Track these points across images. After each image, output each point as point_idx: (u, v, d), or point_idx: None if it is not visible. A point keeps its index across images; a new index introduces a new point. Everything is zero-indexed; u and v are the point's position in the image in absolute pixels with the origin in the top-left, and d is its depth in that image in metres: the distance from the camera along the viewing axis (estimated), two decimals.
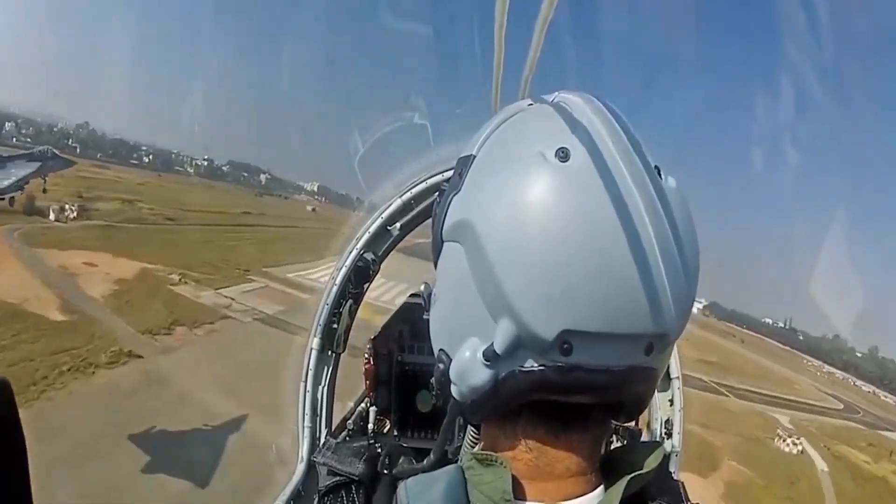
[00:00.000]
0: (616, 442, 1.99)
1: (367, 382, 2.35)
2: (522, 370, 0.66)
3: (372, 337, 2.38)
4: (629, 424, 1.95)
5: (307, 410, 2.03)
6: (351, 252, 2.07)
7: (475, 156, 0.74)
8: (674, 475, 0.84)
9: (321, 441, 2.03)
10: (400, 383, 2.42)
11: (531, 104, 0.76)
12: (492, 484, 0.67)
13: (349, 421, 2.38)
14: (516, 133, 0.73)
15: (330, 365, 2.10)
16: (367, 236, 2.07)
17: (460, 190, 0.73)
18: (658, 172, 0.66)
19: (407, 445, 2.34)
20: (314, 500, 0.83)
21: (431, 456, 0.90)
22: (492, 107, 1.42)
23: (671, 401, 2.05)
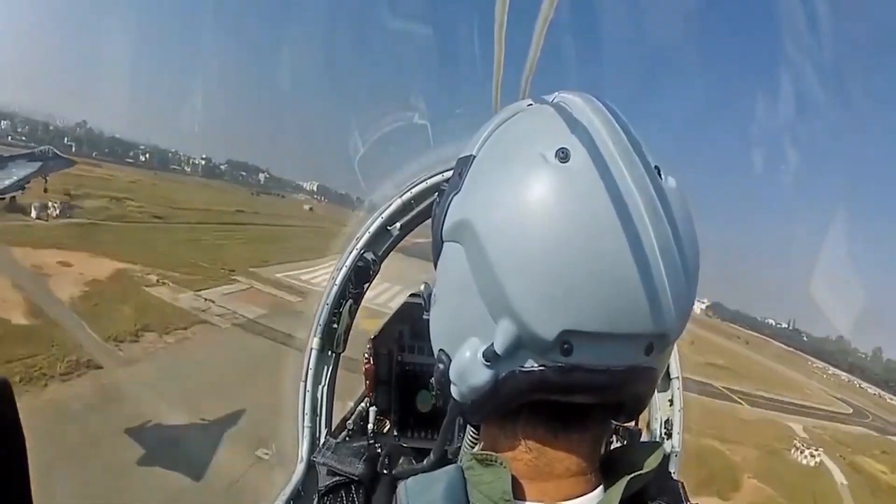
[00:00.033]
0: (616, 442, 2.00)
1: (367, 382, 2.35)
2: (523, 370, 0.66)
3: (372, 337, 2.38)
4: (629, 424, 1.95)
5: (307, 410, 2.03)
6: (351, 252, 2.07)
7: (475, 156, 0.74)
8: (673, 475, 0.84)
9: (321, 441, 2.03)
10: (400, 383, 2.42)
11: (531, 104, 0.76)
12: (491, 484, 0.67)
13: (349, 421, 2.38)
14: (516, 133, 0.73)
15: (330, 365, 2.10)
16: (367, 236, 2.07)
17: (460, 190, 0.73)
18: (658, 172, 0.66)
19: (407, 445, 2.34)
20: (314, 500, 0.83)
21: (431, 456, 0.90)
22: (492, 107, 1.42)
23: (671, 401, 2.05)
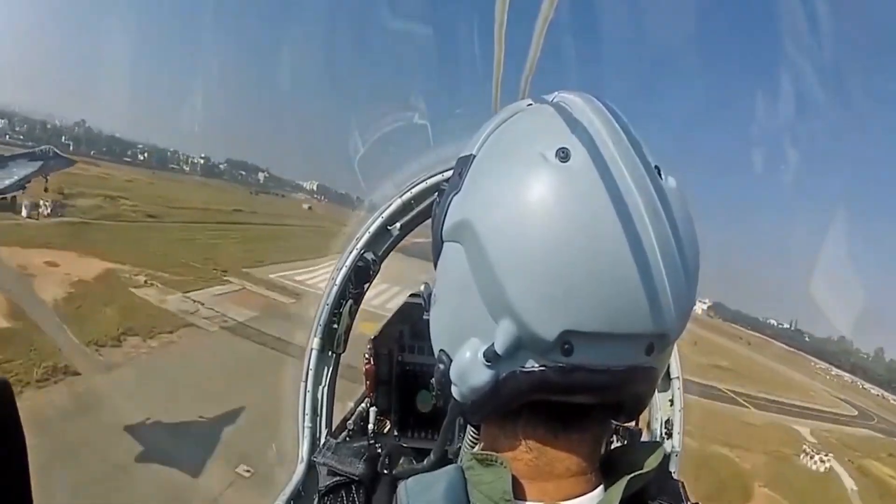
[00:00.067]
0: (616, 442, 2.00)
1: (368, 382, 2.35)
2: (523, 370, 0.66)
3: (372, 337, 2.38)
4: (629, 424, 1.95)
5: (307, 410, 2.04)
6: (351, 252, 2.07)
7: (475, 156, 0.74)
8: (674, 475, 0.84)
9: (321, 441, 2.03)
10: (400, 383, 2.42)
11: (531, 104, 0.76)
12: (492, 484, 0.67)
13: (349, 421, 2.38)
14: (516, 133, 0.72)
15: (330, 365, 2.10)
16: (367, 236, 2.07)
17: (460, 190, 0.73)
18: (658, 172, 0.66)
19: (407, 445, 2.34)
20: (314, 500, 0.83)
21: (432, 456, 0.90)
22: (492, 106, 1.42)
23: (671, 401, 2.05)
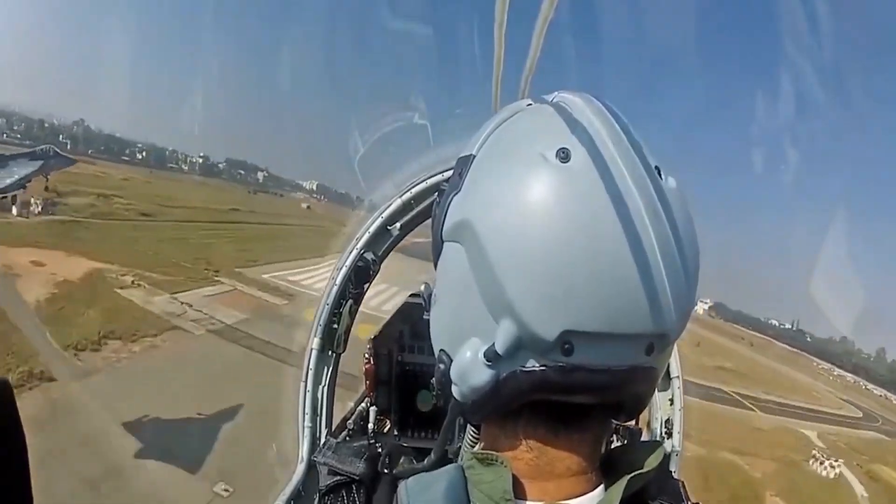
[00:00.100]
0: (616, 441, 2.00)
1: (368, 382, 2.35)
2: (524, 370, 0.66)
3: (372, 337, 2.39)
4: (629, 424, 1.95)
5: (307, 410, 2.04)
6: (351, 252, 2.07)
7: (475, 156, 0.74)
8: (674, 475, 0.85)
9: (321, 441, 2.04)
10: (400, 383, 2.42)
11: (531, 104, 0.76)
12: (492, 483, 0.67)
13: (349, 421, 2.39)
14: (516, 133, 0.73)
15: (330, 365, 2.10)
16: (367, 236, 2.07)
17: (460, 190, 0.73)
18: (658, 173, 0.66)
19: (407, 445, 2.34)
20: (314, 500, 0.83)
21: (432, 456, 0.90)
22: (492, 107, 1.42)
23: (671, 400, 2.06)
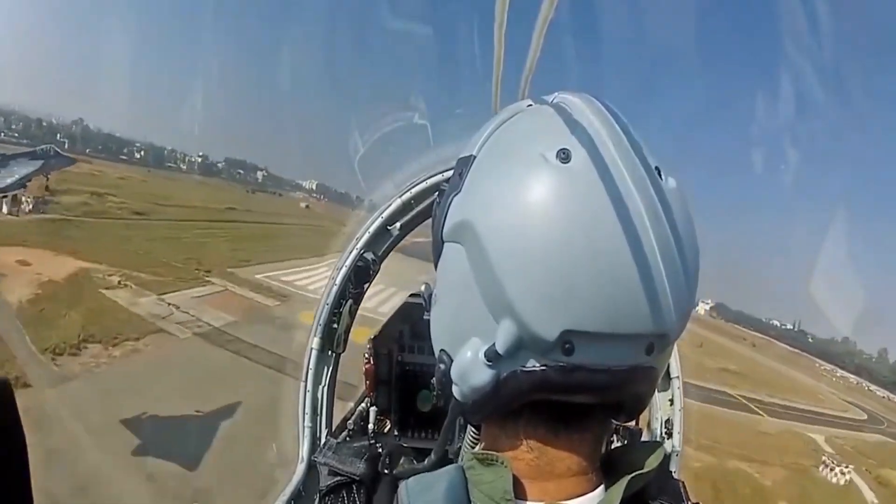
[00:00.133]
0: (616, 441, 2.00)
1: (368, 382, 2.35)
2: (524, 370, 0.66)
3: (372, 337, 2.39)
4: (629, 424, 1.95)
5: (307, 410, 2.04)
6: (351, 252, 2.07)
7: (475, 156, 0.74)
8: (674, 475, 0.85)
9: (322, 441, 2.04)
10: (400, 383, 2.42)
11: (531, 105, 0.76)
12: (493, 483, 0.67)
13: (349, 421, 2.39)
14: (517, 134, 0.73)
15: (330, 365, 2.10)
16: (367, 236, 2.07)
17: (461, 190, 0.73)
18: (658, 173, 0.66)
19: (407, 445, 2.34)
20: (315, 500, 0.83)
21: (432, 456, 0.90)
22: (492, 107, 1.42)
23: (671, 400, 2.06)
